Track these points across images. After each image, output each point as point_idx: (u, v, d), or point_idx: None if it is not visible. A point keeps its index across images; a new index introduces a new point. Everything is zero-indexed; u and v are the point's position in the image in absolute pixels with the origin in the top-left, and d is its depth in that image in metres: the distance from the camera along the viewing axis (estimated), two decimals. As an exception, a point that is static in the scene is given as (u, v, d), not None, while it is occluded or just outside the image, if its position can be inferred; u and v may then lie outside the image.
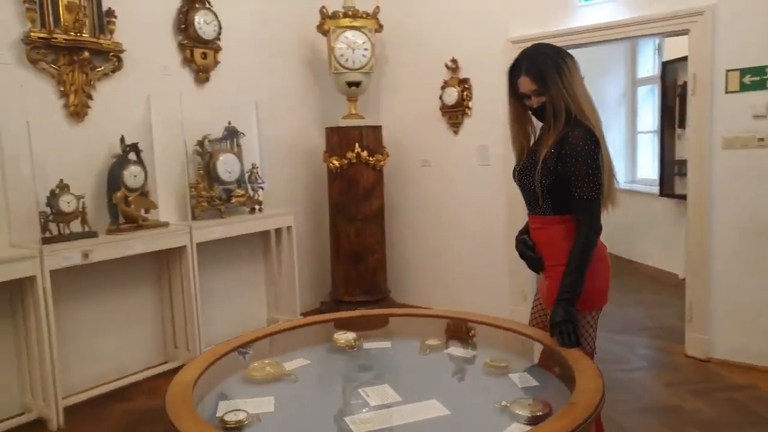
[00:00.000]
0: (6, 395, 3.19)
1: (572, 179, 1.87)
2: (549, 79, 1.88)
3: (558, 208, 1.95)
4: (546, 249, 2.02)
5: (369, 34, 4.48)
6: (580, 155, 1.85)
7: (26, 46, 3.19)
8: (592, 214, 1.88)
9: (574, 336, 1.82)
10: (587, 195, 1.86)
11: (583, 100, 1.90)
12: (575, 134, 1.87)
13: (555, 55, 1.93)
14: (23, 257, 2.98)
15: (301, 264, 4.61)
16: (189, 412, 1.48)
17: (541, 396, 1.64)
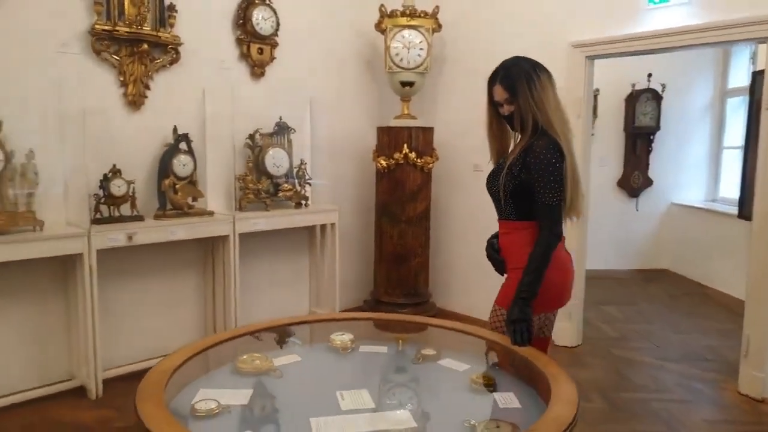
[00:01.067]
0: (56, 361, 3.42)
1: (535, 186, 1.97)
2: (519, 90, 2.01)
3: (521, 214, 2.06)
4: (508, 253, 2.14)
5: (426, 34, 4.44)
6: (542, 163, 1.95)
7: (92, 37, 3.40)
8: (553, 219, 1.98)
9: (527, 334, 1.88)
10: (549, 201, 1.96)
11: (552, 112, 2.01)
12: (540, 143, 1.97)
13: (529, 68, 2.05)
14: (73, 235, 3.18)
15: (345, 262, 4.64)
16: (155, 397, 1.52)
17: (517, 419, 1.55)
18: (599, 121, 6.44)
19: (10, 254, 2.96)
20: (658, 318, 4.99)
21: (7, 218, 2.97)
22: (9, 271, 3.14)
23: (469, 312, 4.70)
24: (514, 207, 2.06)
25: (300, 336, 2.37)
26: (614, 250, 6.53)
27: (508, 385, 1.81)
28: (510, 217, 2.10)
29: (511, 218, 2.09)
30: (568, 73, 4.10)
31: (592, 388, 3.54)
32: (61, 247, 3.15)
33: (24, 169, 3.06)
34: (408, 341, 2.34)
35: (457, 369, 1.93)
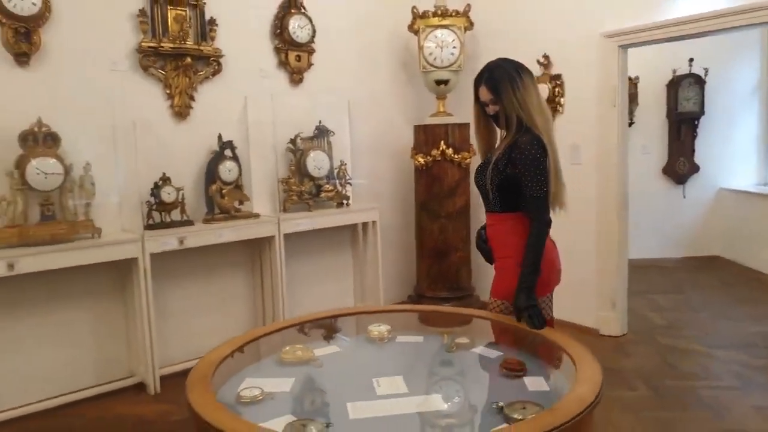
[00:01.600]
0: (116, 360, 3.65)
1: (522, 180, 2.11)
2: (502, 91, 2.13)
3: (505, 206, 2.20)
4: (495, 242, 2.28)
5: (458, 33, 4.49)
6: (527, 158, 2.08)
7: (139, 54, 3.61)
8: (541, 209, 2.12)
9: (541, 318, 2.03)
10: (536, 193, 2.10)
11: (535, 111, 2.13)
12: (524, 140, 2.10)
13: (512, 70, 2.16)
14: (128, 241, 3.39)
15: (387, 258, 4.74)
16: (203, 385, 1.66)
17: (544, 401, 1.61)
18: (640, 108, 6.34)
19: (72, 260, 3.19)
20: (707, 306, 4.88)
21: (68, 227, 3.20)
22: (71, 276, 3.38)
23: (511, 305, 4.73)
24: (500, 200, 2.19)
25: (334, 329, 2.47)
26: (661, 239, 6.41)
27: (538, 370, 1.86)
28: (496, 209, 2.23)
29: (497, 210, 2.22)
30: (602, 63, 4.08)
31: (637, 376, 3.52)
32: (117, 252, 3.36)
33: (82, 180, 3.29)
34: (444, 332, 2.42)
35: (489, 356, 2.00)
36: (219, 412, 1.49)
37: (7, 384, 3.24)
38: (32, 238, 3.06)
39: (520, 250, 2.13)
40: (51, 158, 3.13)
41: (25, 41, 3.17)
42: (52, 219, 3.17)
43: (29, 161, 3.07)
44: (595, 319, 4.27)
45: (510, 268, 2.17)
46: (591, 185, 4.24)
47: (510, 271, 2.16)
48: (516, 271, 2.11)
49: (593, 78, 4.16)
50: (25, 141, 3.11)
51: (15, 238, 3.02)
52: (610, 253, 4.19)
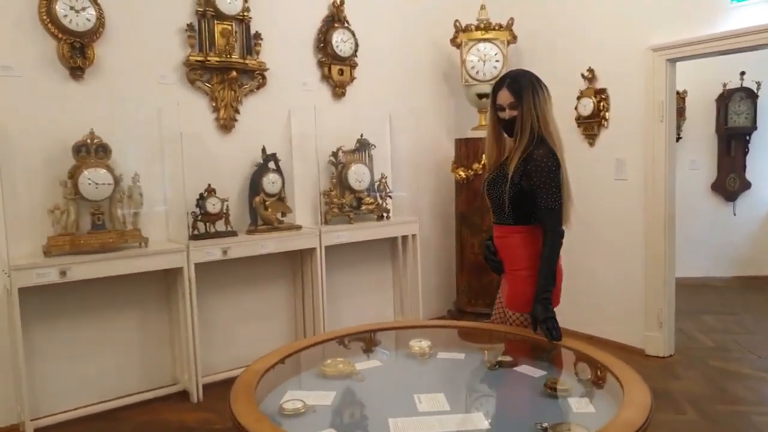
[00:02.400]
0: (161, 367, 3.72)
1: (537, 192, 2.14)
2: (524, 95, 2.17)
3: (519, 219, 2.22)
4: (507, 255, 2.31)
5: (501, 46, 4.47)
6: (543, 171, 2.12)
7: (186, 68, 3.71)
8: (555, 221, 2.16)
9: (558, 330, 2.08)
10: (551, 205, 2.14)
11: (550, 123, 2.19)
12: (540, 152, 2.13)
13: (535, 80, 2.23)
14: (174, 250, 3.46)
15: (427, 272, 4.72)
16: (246, 396, 1.67)
17: (590, 423, 1.57)
18: (687, 123, 6.17)
19: (121, 269, 3.27)
20: (759, 327, 4.69)
21: (116, 236, 3.29)
22: (119, 283, 3.47)
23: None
24: (513, 213, 2.22)
25: (380, 342, 2.47)
26: (710, 257, 6.19)
27: (583, 390, 1.82)
28: (509, 222, 2.25)
29: (510, 223, 2.25)
30: (649, 77, 4.00)
31: (685, 399, 3.40)
32: (163, 262, 3.44)
33: (131, 191, 3.38)
34: (486, 349, 2.39)
35: (533, 375, 1.95)
36: (262, 424, 1.50)
37: (59, 387, 3.34)
38: (83, 246, 3.16)
39: (534, 262, 2.18)
40: (102, 169, 3.23)
41: (80, 56, 3.29)
42: (102, 228, 3.27)
43: (81, 172, 3.18)
44: (641, 338, 4.15)
45: (524, 279, 2.22)
46: (637, 201, 4.14)
47: (524, 282, 2.22)
48: (530, 282, 2.18)
49: (640, 92, 4.07)
50: (78, 152, 3.22)
51: (67, 245, 3.12)
52: (657, 271, 4.07)
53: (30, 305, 3.15)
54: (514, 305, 2.29)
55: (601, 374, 1.87)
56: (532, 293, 2.17)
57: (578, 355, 2.02)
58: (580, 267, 4.53)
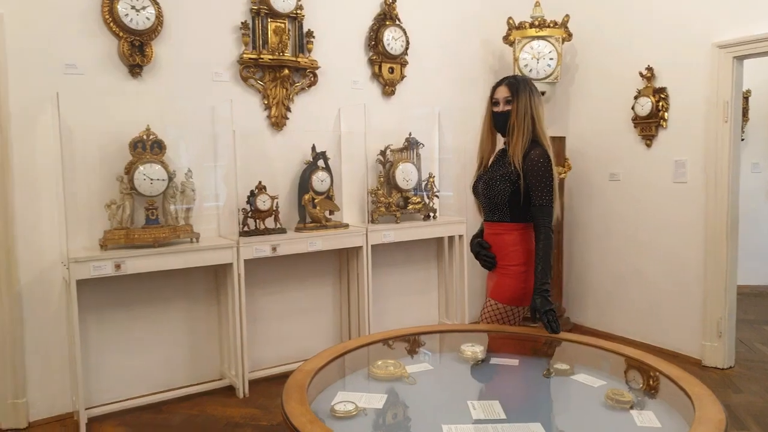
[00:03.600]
0: (208, 362, 3.77)
1: (532, 190, 2.26)
2: (521, 92, 2.30)
3: (516, 217, 2.33)
4: (500, 251, 2.38)
5: (556, 44, 4.36)
6: (540, 170, 2.25)
7: (240, 65, 3.74)
8: (547, 217, 2.26)
9: (557, 322, 2.18)
10: (544, 202, 2.25)
11: (543, 124, 2.33)
12: (536, 152, 2.27)
13: (532, 85, 2.35)
14: (225, 246, 3.49)
15: (473, 273, 4.64)
16: (299, 396, 1.65)
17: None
18: (750, 124, 5.89)
19: (173, 263, 3.32)
20: (829, 341, 4.44)
21: (169, 231, 3.34)
22: (170, 278, 3.53)
23: (605, 328, 4.50)
24: (509, 210, 2.32)
25: (431, 346, 2.42)
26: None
27: (647, 403, 1.73)
28: (504, 220, 2.35)
29: (506, 221, 2.34)
30: (713, 76, 3.82)
31: (747, 413, 3.23)
32: (214, 257, 3.47)
33: (184, 186, 3.43)
34: (539, 355, 2.31)
35: (592, 385, 1.87)
36: (315, 426, 1.47)
37: (111, 378, 3.42)
38: (137, 240, 3.22)
39: (527, 258, 2.32)
40: (157, 165, 3.29)
41: (139, 54, 3.35)
42: (156, 223, 3.33)
43: (137, 167, 3.24)
44: (698, 348, 3.98)
45: (518, 275, 2.33)
46: (697, 205, 3.97)
47: (518, 277, 2.32)
48: (524, 278, 2.31)
49: (703, 91, 3.89)
50: (135, 148, 3.29)
51: (122, 239, 3.19)
52: (717, 278, 3.89)
53: (86, 297, 3.23)
54: (500, 296, 2.36)
55: (666, 387, 1.77)
56: (525, 288, 2.31)
57: (639, 365, 1.93)
58: (634, 272, 4.38)
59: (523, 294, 2.33)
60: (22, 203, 3.15)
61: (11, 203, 3.12)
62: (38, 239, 3.21)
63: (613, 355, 2.08)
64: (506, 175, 2.29)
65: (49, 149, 3.17)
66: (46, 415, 3.27)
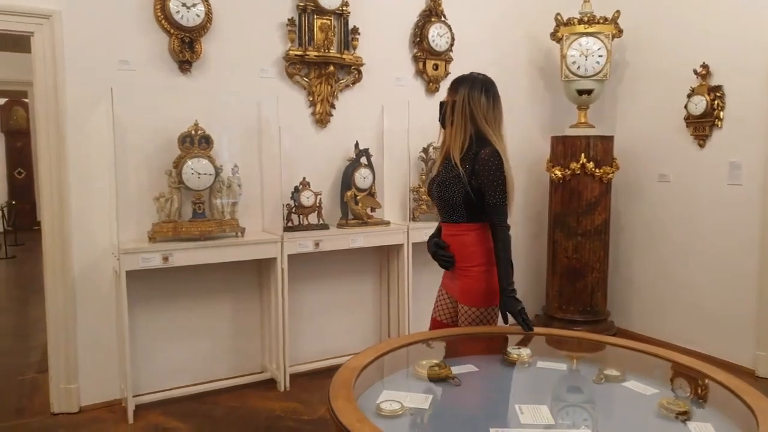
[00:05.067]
0: (250, 355, 3.82)
1: (485, 189, 2.27)
2: (460, 87, 2.34)
3: (472, 218, 2.34)
4: (459, 252, 2.38)
5: (605, 40, 4.25)
6: (490, 169, 2.26)
7: (285, 62, 3.77)
8: (502, 215, 2.30)
9: (530, 320, 2.26)
10: (497, 201, 2.28)
11: (494, 123, 2.34)
12: (486, 152, 2.27)
13: (479, 83, 2.36)
14: (269, 241, 3.53)
15: (516, 275, 4.55)
16: (346, 394, 1.65)
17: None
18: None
19: (219, 257, 3.38)
20: None
21: (215, 225, 3.39)
22: (215, 271, 3.59)
23: (653, 334, 4.38)
24: (465, 212, 2.33)
25: (469, 347, 2.39)
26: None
27: (705, 415, 1.67)
28: (461, 221, 2.35)
29: (462, 221, 2.35)
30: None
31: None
32: (259, 252, 3.52)
33: (230, 181, 3.48)
34: (586, 360, 2.26)
35: (644, 393, 1.82)
36: (363, 425, 1.47)
37: (157, 368, 3.50)
38: (184, 233, 3.28)
39: (486, 258, 2.33)
40: (204, 159, 3.34)
41: (189, 50, 3.41)
42: (203, 217, 3.38)
43: (185, 162, 3.30)
44: (752, 358, 3.83)
45: (480, 275, 2.33)
46: (752, 208, 3.82)
47: (480, 278, 2.33)
48: (486, 277, 2.33)
49: (762, 90, 3.74)
50: (183, 142, 3.35)
51: (170, 232, 3.25)
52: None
53: (134, 287, 3.31)
54: (469, 300, 2.36)
55: (724, 398, 1.71)
56: (488, 288, 2.33)
57: (694, 373, 1.86)
58: (683, 277, 4.26)
59: (491, 292, 2.35)
60: (77, 195, 3.25)
61: (67, 195, 3.22)
62: (91, 230, 3.30)
63: (664, 362, 2.02)
64: (458, 176, 2.29)
65: (102, 143, 3.25)
66: (96, 401, 3.36)
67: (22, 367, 4.05)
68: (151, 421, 3.21)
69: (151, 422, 3.20)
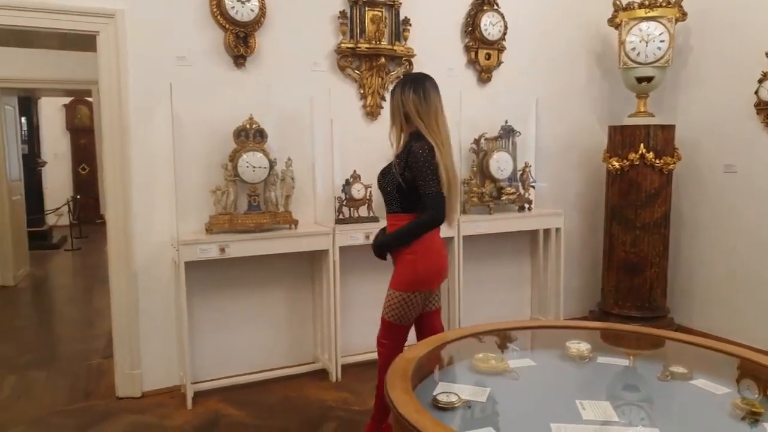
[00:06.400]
0: (303, 345, 3.87)
1: (418, 180, 2.43)
2: (395, 88, 2.59)
3: (405, 207, 2.51)
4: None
5: (668, 25, 4.08)
6: (420, 161, 2.41)
7: (337, 55, 3.78)
8: (437, 206, 2.42)
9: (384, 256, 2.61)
10: (431, 191, 2.41)
11: (423, 115, 2.48)
12: (417, 145, 2.44)
13: (409, 80, 2.58)
14: (322, 233, 3.56)
15: (569, 268, 4.49)
16: (403, 384, 1.64)
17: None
18: None
19: (273, 248, 3.43)
20: None
21: (270, 217, 3.44)
22: (269, 262, 3.65)
23: (716, 331, 4.20)
24: (399, 201, 2.51)
25: (526, 341, 2.35)
26: None
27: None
28: (397, 211, 2.53)
29: (398, 211, 2.53)
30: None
31: None
32: (311, 244, 3.55)
33: (284, 174, 3.52)
34: (648, 356, 2.19)
35: (714, 392, 1.74)
36: (422, 416, 1.46)
37: (213, 356, 3.58)
38: (240, 225, 3.34)
39: (417, 247, 2.48)
40: (259, 153, 3.39)
41: (243, 44, 3.46)
42: (258, 209, 3.44)
43: (241, 155, 3.35)
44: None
45: (411, 263, 2.49)
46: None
47: (408, 265, 2.50)
48: (413, 265, 2.48)
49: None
50: (238, 136, 3.40)
51: (226, 224, 3.32)
52: None
53: (192, 277, 3.39)
54: (393, 284, 2.55)
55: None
56: (415, 274, 2.48)
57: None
58: (749, 272, 4.06)
59: (416, 279, 2.49)
60: (138, 189, 3.35)
61: (129, 189, 3.33)
62: (151, 222, 3.40)
63: (733, 360, 1.93)
64: (391, 167, 2.52)
65: (161, 138, 3.34)
66: (157, 386, 3.48)
67: (89, 353, 4.22)
68: (209, 407, 3.30)
69: (210, 408, 3.28)
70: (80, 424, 3.12)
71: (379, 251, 2.61)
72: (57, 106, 10.90)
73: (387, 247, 2.57)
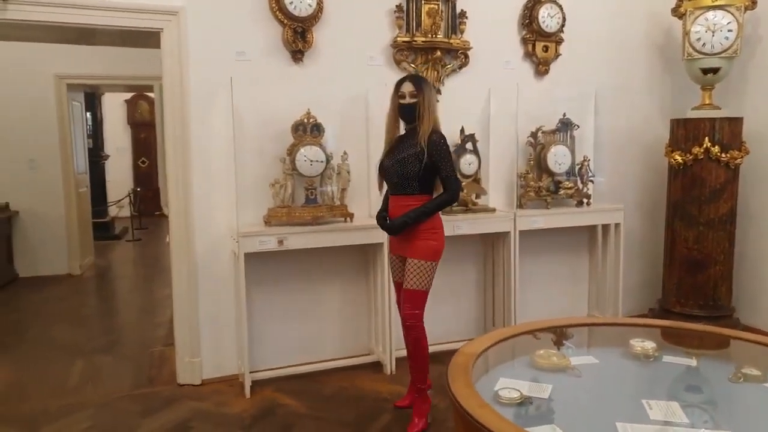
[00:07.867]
0: (358, 337, 3.91)
1: (439, 165, 2.82)
2: (425, 89, 2.88)
3: (423, 189, 2.89)
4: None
5: (736, 13, 3.90)
6: (442, 149, 2.83)
7: (393, 49, 3.78)
8: (455, 187, 2.86)
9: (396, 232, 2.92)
10: (451, 174, 2.84)
11: (436, 115, 2.91)
12: (436, 135, 2.84)
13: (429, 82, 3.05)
14: (375, 227, 3.44)
15: (628, 265, 4.37)
16: (465, 379, 1.64)
17: None
18: None
19: (329, 241, 3.48)
20: None
21: (326, 210, 3.48)
22: (324, 255, 3.69)
23: (783, 332, 4.01)
24: (418, 184, 2.86)
25: (585, 338, 2.31)
26: None
27: None
28: (414, 192, 2.87)
29: (415, 193, 2.87)
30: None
31: None
32: (366, 237, 3.58)
33: (340, 168, 3.55)
34: (715, 357, 2.12)
35: (791, 396, 1.67)
36: (485, 411, 1.46)
37: (268, 346, 3.66)
38: (297, 218, 3.40)
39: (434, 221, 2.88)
40: (316, 147, 3.44)
41: (301, 40, 3.51)
42: (314, 202, 3.49)
43: (298, 149, 3.41)
44: None
45: (434, 235, 2.87)
46: None
47: (435, 237, 2.87)
48: (438, 238, 2.88)
49: None
50: (296, 130, 3.46)
51: (284, 217, 3.38)
52: None
53: (250, 269, 3.47)
54: (416, 254, 2.85)
55: None
56: (436, 244, 2.86)
57: None
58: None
59: (438, 249, 2.88)
60: (199, 182, 3.45)
61: (190, 182, 3.43)
62: (211, 215, 3.50)
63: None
64: (415, 154, 2.82)
65: (221, 132, 3.42)
66: (216, 375, 3.58)
67: (151, 340, 4.39)
68: (266, 396, 3.38)
69: (267, 397, 3.36)
70: (145, 409, 3.25)
71: (399, 229, 2.87)
72: (119, 102, 11.32)
73: (411, 224, 2.84)
